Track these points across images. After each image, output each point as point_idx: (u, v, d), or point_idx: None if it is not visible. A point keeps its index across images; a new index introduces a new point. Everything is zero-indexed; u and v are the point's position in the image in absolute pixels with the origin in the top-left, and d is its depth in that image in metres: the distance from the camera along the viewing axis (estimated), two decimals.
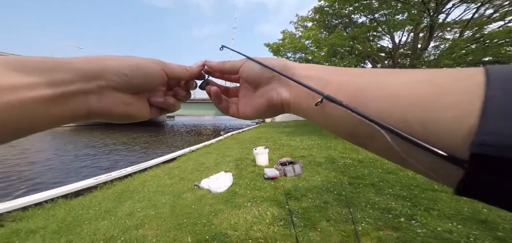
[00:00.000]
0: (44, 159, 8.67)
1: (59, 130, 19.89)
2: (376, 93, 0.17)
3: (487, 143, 0.11)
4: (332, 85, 0.20)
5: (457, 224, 1.98)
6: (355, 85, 0.18)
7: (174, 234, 2.16)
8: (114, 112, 0.23)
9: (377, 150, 0.18)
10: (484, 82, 0.13)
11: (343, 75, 0.20)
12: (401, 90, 0.16)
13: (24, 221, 2.63)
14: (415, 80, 0.16)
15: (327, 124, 0.21)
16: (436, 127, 0.13)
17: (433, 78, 0.15)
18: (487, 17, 8.74)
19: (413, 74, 0.16)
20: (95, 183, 3.78)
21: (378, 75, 0.18)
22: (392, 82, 0.17)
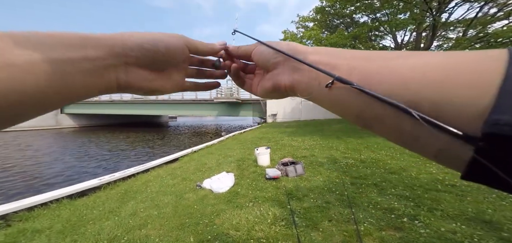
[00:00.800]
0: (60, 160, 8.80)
1: (64, 130, 20.16)
2: (386, 77, 0.17)
3: (501, 122, 0.11)
4: (341, 69, 0.20)
5: (461, 225, 1.96)
6: (365, 69, 0.18)
7: (177, 234, 2.18)
8: (140, 86, 0.25)
9: (384, 132, 0.18)
10: (506, 60, 0.12)
11: (352, 59, 0.20)
12: (413, 73, 0.15)
13: (30, 221, 2.68)
14: (429, 63, 0.15)
15: (334, 106, 0.21)
16: (449, 107, 0.13)
17: (449, 60, 0.15)
18: (491, 16, 8.63)
19: (428, 57, 0.16)
20: (99, 184, 3.83)
21: (388, 59, 0.18)
22: (403, 66, 0.16)
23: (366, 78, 0.18)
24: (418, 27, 9.97)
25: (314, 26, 12.23)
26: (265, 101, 18.38)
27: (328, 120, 14.34)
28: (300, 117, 17.36)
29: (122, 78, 0.23)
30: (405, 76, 0.16)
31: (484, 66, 0.13)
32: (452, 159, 0.14)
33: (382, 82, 0.17)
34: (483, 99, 0.12)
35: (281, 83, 0.26)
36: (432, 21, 8.70)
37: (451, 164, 0.15)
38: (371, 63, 0.18)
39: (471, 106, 0.12)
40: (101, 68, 0.21)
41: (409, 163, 3.95)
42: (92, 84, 0.21)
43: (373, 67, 0.18)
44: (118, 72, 0.23)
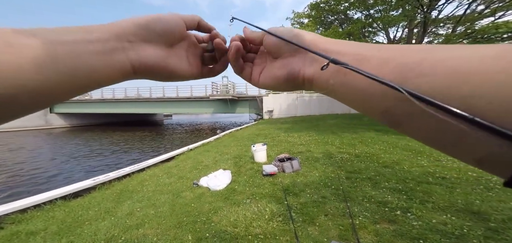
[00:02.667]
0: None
1: (56, 130, 19.64)
2: (430, 69, 0.14)
3: None
4: (371, 61, 0.18)
5: (451, 216, 2.04)
6: (401, 61, 0.16)
7: (174, 232, 2.18)
8: (155, 66, 0.25)
9: (416, 131, 0.16)
10: None
11: (386, 51, 0.18)
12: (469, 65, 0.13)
13: (24, 223, 2.62)
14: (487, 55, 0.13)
15: (357, 101, 0.19)
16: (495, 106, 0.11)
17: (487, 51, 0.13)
18: (478, 13, 8.88)
19: (483, 49, 0.14)
20: (94, 184, 3.77)
21: (431, 50, 0.16)
22: (453, 56, 0.14)
23: (406, 70, 0.16)
24: (409, 24, 10.15)
25: (309, 23, 12.24)
26: (262, 98, 18.37)
27: (323, 116, 14.49)
28: (296, 113, 17.46)
29: (134, 57, 0.23)
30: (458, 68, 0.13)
31: None
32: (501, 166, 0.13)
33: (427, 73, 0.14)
34: None
35: (300, 73, 0.24)
36: (423, 18, 8.86)
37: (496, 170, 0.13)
38: (408, 54, 0.16)
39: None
40: (108, 49, 0.22)
41: (401, 156, 4.06)
42: (103, 68, 0.21)
43: (411, 59, 0.16)
44: (127, 51, 0.23)
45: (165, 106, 21.91)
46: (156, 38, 0.25)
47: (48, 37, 0.18)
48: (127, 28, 0.23)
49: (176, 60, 0.27)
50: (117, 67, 0.22)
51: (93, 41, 0.21)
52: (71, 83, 0.20)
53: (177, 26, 0.27)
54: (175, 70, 0.27)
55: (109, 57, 0.22)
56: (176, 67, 0.27)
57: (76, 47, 0.20)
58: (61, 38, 0.19)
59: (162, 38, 0.26)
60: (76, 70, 0.20)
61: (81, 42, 0.20)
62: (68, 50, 0.19)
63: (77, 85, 0.20)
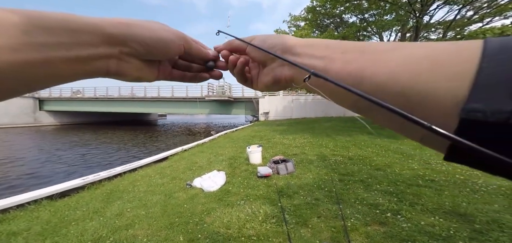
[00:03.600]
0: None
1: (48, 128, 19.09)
2: (376, 70, 0.18)
3: (475, 109, 0.12)
4: (336, 63, 0.21)
5: (439, 218, 2.09)
6: (358, 63, 0.19)
7: (166, 233, 2.14)
8: (128, 75, 0.25)
9: (378, 119, 0.20)
10: (480, 53, 0.14)
11: (346, 53, 0.21)
12: (401, 67, 0.17)
13: (5, 223, 2.51)
14: (415, 55, 0.17)
15: (332, 96, 0.22)
16: (432, 98, 0.15)
17: (433, 53, 0.16)
18: (468, 19, 9.21)
19: (414, 49, 0.17)
20: (82, 183, 3.66)
21: (380, 52, 0.19)
22: (392, 59, 0.18)
23: (361, 71, 0.19)
24: (402, 28, 10.42)
25: (305, 26, 12.38)
26: (258, 99, 18.40)
27: (318, 119, 14.63)
28: (291, 115, 17.56)
29: (112, 67, 0.23)
30: (394, 69, 0.17)
31: (461, 58, 0.14)
32: (434, 143, 0.16)
33: (375, 74, 0.18)
34: (461, 90, 0.13)
35: (282, 76, 0.27)
36: (415, 23, 9.12)
37: (434, 147, 0.16)
38: (365, 56, 0.19)
39: (451, 96, 0.14)
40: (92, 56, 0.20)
41: (393, 159, 4.14)
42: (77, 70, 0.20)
43: (367, 61, 0.19)
44: (110, 61, 0.22)
45: (159, 106, 21.62)
46: (145, 57, 0.25)
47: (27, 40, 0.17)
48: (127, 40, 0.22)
49: (151, 70, 0.27)
50: (88, 72, 0.22)
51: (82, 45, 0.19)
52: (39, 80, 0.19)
53: (177, 53, 0.28)
54: (146, 78, 0.28)
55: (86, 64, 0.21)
56: (147, 75, 0.27)
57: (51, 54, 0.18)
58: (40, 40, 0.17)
59: (150, 57, 0.26)
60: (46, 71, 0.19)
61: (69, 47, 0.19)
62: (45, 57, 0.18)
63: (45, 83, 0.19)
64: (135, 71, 0.25)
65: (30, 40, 0.17)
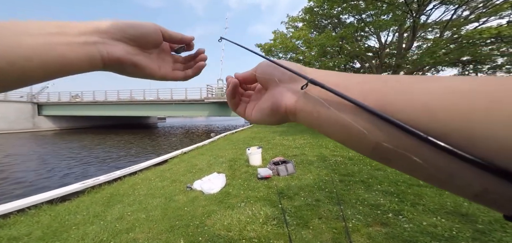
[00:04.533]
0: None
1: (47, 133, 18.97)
2: (406, 103, 0.14)
3: None
4: (351, 92, 0.17)
5: (441, 218, 2.08)
6: (380, 93, 0.16)
7: (166, 236, 2.13)
8: (123, 60, 0.28)
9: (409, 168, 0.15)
10: None
11: (365, 83, 0.18)
12: (439, 101, 0.13)
13: (6, 228, 2.50)
14: (458, 88, 0.13)
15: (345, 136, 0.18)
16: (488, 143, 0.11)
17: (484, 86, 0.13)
18: (464, 19, 9.25)
19: (451, 82, 0.14)
20: (82, 187, 3.65)
21: (406, 83, 0.16)
22: (426, 91, 0.14)
23: (383, 105, 0.15)
24: (400, 28, 10.46)
25: (303, 27, 12.42)
26: None
27: None
28: None
29: (103, 50, 0.26)
30: (429, 103, 0.13)
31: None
32: (497, 200, 0.12)
33: (404, 108, 0.14)
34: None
35: (282, 103, 0.23)
36: (412, 23, 9.16)
37: (496, 205, 0.13)
38: (388, 86, 0.16)
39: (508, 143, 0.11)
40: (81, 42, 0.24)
41: None
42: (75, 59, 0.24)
43: (391, 91, 0.16)
44: (98, 46, 0.26)
45: (159, 109, 21.59)
46: (127, 40, 0.28)
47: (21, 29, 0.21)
48: (102, 26, 0.26)
49: (145, 60, 0.30)
50: (87, 58, 0.25)
51: (67, 34, 0.24)
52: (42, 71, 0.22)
53: (153, 34, 0.30)
54: (142, 66, 0.30)
55: (80, 49, 0.24)
56: (143, 64, 0.30)
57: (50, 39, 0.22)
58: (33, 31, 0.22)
59: (133, 41, 0.29)
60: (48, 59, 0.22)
61: (56, 35, 0.23)
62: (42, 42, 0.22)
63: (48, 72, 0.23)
64: (129, 55, 0.28)
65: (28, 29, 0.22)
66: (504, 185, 0.11)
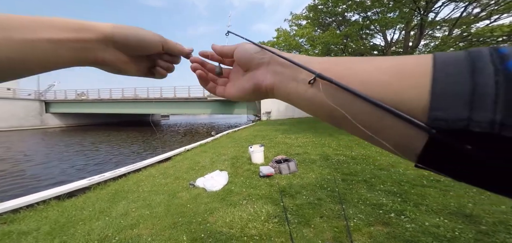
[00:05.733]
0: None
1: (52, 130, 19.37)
2: (350, 80, 0.19)
3: (438, 117, 0.14)
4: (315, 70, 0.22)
5: (443, 219, 2.06)
6: (333, 73, 0.20)
7: (169, 233, 2.17)
8: (114, 65, 0.30)
9: (350, 128, 0.21)
10: (432, 65, 0.15)
11: (322, 63, 0.22)
12: (370, 75, 0.18)
13: (16, 223, 2.58)
14: (382, 67, 0.18)
15: (309, 107, 0.23)
16: (403, 106, 0.16)
17: (397, 63, 0.18)
18: (474, 16, 8.99)
19: (381, 61, 0.19)
20: (88, 184, 3.73)
21: (351, 63, 0.21)
22: (363, 70, 0.19)
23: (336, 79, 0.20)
24: (406, 26, 10.24)
25: (307, 24, 12.29)
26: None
27: None
28: (293, 115, 17.51)
29: (99, 55, 0.28)
30: (365, 79, 0.18)
31: (420, 69, 0.16)
32: (406, 151, 0.17)
33: (349, 83, 0.19)
34: (424, 98, 0.15)
35: (263, 83, 0.27)
36: (419, 20, 8.96)
37: (405, 155, 0.17)
38: (339, 67, 0.21)
39: (418, 103, 0.15)
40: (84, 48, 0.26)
41: (397, 159, 4.09)
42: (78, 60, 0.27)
43: (340, 71, 0.20)
44: (96, 52, 0.28)
45: (162, 106, 21.81)
46: (126, 50, 0.30)
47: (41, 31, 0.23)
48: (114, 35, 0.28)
49: (132, 65, 0.32)
50: (82, 60, 0.27)
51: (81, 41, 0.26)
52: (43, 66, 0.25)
53: (154, 48, 0.31)
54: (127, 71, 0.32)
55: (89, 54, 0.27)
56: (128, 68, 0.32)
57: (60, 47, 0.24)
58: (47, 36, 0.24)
59: (130, 51, 0.30)
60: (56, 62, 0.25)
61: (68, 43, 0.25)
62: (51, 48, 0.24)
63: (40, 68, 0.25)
64: (119, 63, 0.30)
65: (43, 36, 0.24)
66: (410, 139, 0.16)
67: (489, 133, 0.12)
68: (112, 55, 0.29)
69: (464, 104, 0.13)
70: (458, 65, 0.14)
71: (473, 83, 0.13)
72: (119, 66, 0.30)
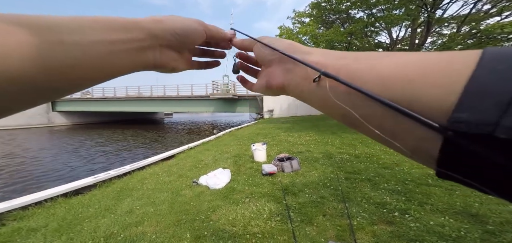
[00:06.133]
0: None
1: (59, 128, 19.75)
2: (366, 76, 0.17)
3: (460, 119, 0.12)
4: (329, 69, 0.20)
5: (449, 218, 2.03)
6: (350, 70, 0.19)
7: (173, 230, 2.20)
8: (169, 65, 0.28)
9: (366, 130, 0.19)
10: (477, 62, 0.13)
11: (340, 59, 0.21)
12: (390, 71, 0.16)
13: (25, 220, 2.65)
14: (405, 61, 0.16)
15: (322, 106, 0.22)
16: (421, 104, 0.14)
17: (425, 59, 0.16)
18: (484, 13, 8.76)
19: (406, 56, 0.17)
20: (94, 182, 3.80)
21: (371, 58, 0.19)
22: (382, 65, 0.17)
23: (350, 77, 0.18)
24: (413, 23, 10.06)
25: (310, 22, 12.18)
26: (262, 97, 18.36)
27: (324, 116, 14.45)
28: (296, 113, 17.44)
29: (158, 58, 0.26)
30: (384, 75, 0.17)
31: (454, 66, 0.14)
32: (426, 157, 0.15)
33: (364, 81, 0.17)
34: (449, 99, 0.13)
35: (273, 82, 0.27)
36: (426, 17, 8.78)
37: (425, 161, 0.15)
38: (357, 64, 0.19)
39: (437, 104, 0.13)
40: (144, 48, 0.24)
41: (402, 158, 4.04)
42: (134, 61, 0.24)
43: (358, 68, 0.19)
44: (155, 52, 0.26)
45: (166, 105, 21.96)
46: (180, 46, 0.29)
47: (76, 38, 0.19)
48: (167, 34, 0.26)
49: (181, 61, 0.30)
50: (144, 63, 0.25)
51: (130, 41, 0.23)
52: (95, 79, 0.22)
53: (199, 38, 0.30)
54: (178, 68, 0.31)
55: (139, 55, 0.24)
56: (179, 66, 0.30)
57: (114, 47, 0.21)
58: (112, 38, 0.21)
59: (179, 45, 0.28)
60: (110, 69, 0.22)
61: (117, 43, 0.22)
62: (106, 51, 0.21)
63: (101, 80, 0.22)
64: (173, 62, 0.29)
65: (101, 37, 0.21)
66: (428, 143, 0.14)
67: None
68: (167, 55, 0.27)
69: (497, 107, 0.11)
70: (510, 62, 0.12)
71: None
72: (172, 64, 0.29)
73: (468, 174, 0.13)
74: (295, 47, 0.25)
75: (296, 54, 0.24)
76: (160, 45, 0.26)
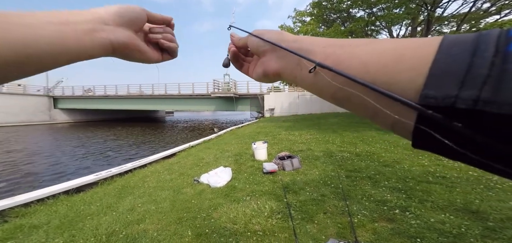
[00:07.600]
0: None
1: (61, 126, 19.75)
2: (351, 63, 0.20)
3: (429, 95, 0.14)
4: (317, 56, 0.23)
5: (449, 215, 2.04)
6: (336, 56, 0.21)
7: (175, 228, 2.21)
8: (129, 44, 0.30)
9: (352, 108, 0.21)
10: (438, 47, 0.15)
11: (327, 47, 0.23)
12: (371, 58, 0.19)
13: (27, 217, 2.67)
14: (382, 48, 0.19)
15: (313, 89, 0.25)
16: (396, 87, 0.16)
17: (398, 46, 0.18)
18: (484, 11, 8.74)
19: (382, 43, 0.19)
20: (96, 179, 3.82)
21: (354, 46, 0.21)
22: (364, 52, 0.20)
23: (337, 63, 0.21)
24: (413, 22, 10.04)
25: (311, 21, 12.16)
26: (263, 96, 18.36)
27: (324, 115, 14.44)
28: (297, 111, 17.44)
29: (112, 37, 0.28)
30: (365, 61, 0.19)
31: (421, 51, 0.16)
32: (403, 130, 0.17)
33: (350, 67, 0.20)
34: (419, 79, 0.15)
35: (269, 70, 0.29)
36: (426, 16, 8.76)
37: (403, 133, 0.18)
38: (343, 50, 0.21)
39: (411, 84, 0.16)
40: (94, 30, 0.26)
41: (402, 155, 4.05)
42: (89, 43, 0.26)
43: (343, 54, 0.21)
44: (108, 33, 0.28)
45: (167, 103, 21.99)
46: (125, 24, 0.30)
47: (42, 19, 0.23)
48: (105, 14, 0.28)
49: (144, 44, 0.32)
50: (100, 44, 0.27)
51: (81, 22, 0.25)
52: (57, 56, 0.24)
53: (141, 17, 0.32)
54: (145, 51, 0.32)
55: (94, 35, 0.26)
56: (145, 48, 0.32)
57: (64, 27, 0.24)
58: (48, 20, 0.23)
59: (130, 25, 0.30)
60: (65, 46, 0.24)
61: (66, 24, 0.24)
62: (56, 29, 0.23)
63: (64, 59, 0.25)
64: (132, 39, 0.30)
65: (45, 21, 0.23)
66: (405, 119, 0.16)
67: (473, 109, 0.12)
68: (125, 34, 0.29)
69: (456, 83, 0.13)
70: (463, 46, 0.14)
71: (470, 63, 0.13)
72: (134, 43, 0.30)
73: (438, 141, 0.15)
74: (283, 36, 0.28)
75: (284, 44, 0.26)
76: (107, 25, 0.28)
